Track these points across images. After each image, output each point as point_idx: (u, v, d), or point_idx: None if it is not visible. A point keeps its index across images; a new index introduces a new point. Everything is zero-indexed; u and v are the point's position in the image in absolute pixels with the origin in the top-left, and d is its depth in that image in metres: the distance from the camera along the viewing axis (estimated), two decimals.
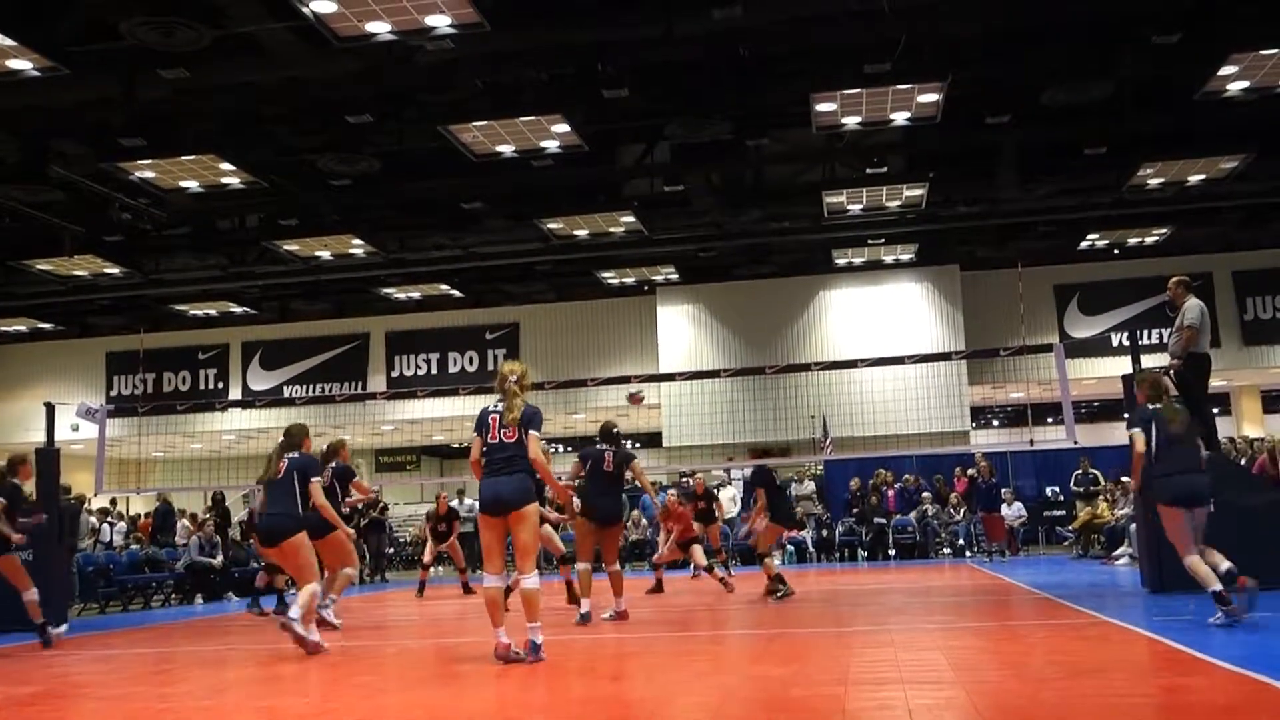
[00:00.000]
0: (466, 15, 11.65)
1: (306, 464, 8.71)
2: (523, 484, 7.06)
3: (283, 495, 8.51)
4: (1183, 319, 10.94)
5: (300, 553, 8.46)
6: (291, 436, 8.86)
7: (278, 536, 8.41)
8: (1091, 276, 23.86)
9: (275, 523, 8.44)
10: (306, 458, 8.80)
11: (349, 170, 17.14)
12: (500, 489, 7.04)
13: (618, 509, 10.20)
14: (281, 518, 8.42)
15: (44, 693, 6.94)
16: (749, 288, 24.54)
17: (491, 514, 7.10)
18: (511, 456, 7.09)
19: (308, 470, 8.66)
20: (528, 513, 7.07)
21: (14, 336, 27.39)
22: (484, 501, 7.13)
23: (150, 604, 16.20)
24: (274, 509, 8.52)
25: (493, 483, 7.07)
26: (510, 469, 7.07)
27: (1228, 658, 5.90)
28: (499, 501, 7.04)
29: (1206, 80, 14.43)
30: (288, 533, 8.39)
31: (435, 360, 25.67)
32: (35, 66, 12.42)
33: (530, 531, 7.13)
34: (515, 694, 5.95)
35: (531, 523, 7.13)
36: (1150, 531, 10.48)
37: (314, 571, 8.61)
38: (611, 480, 10.00)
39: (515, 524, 7.07)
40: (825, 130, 15.81)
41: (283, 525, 8.40)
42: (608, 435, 10.06)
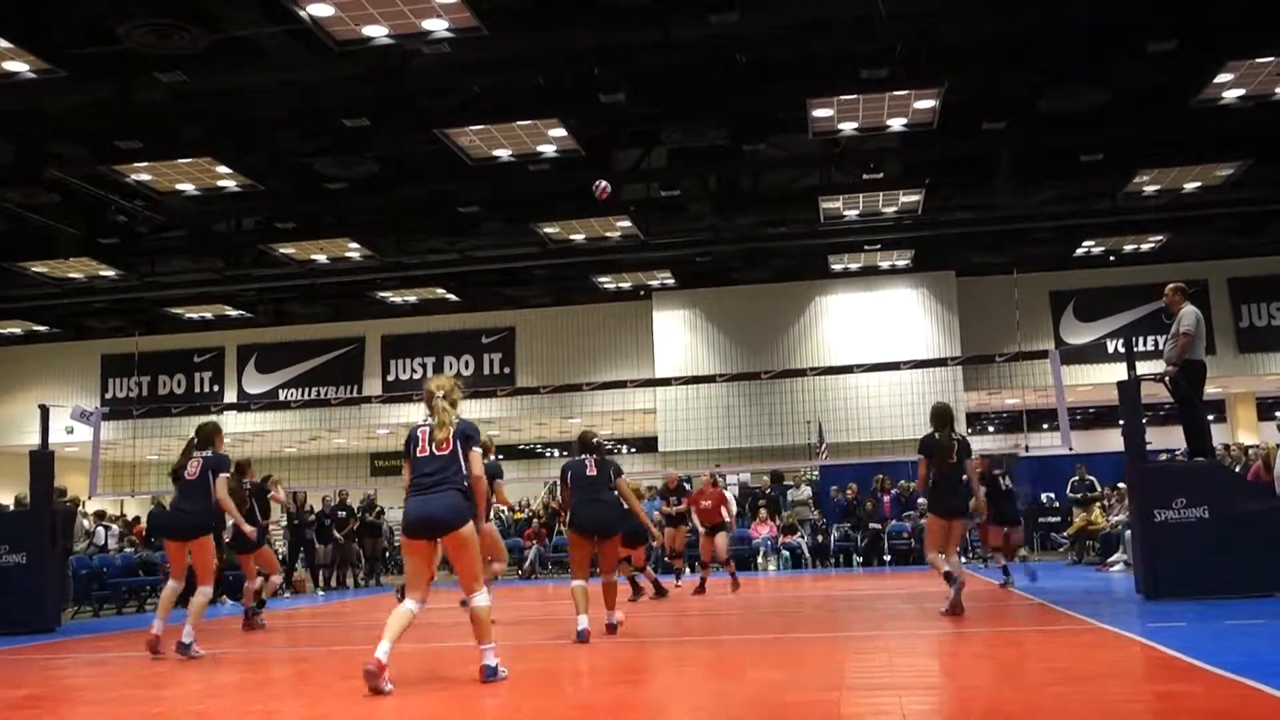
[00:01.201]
0: (464, 19, 11.66)
1: (219, 462, 8.87)
2: (454, 500, 6.38)
3: (196, 493, 8.68)
4: (1179, 326, 10.98)
5: (206, 552, 8.64)
6: (203, 434, 9.02)
7: (192, 532, 8.62)
8: (1087, 283, 23.87)
9: (191, 519, 8.62)
10: (219, 456, 8.97)
11: (346, 174, 17.13)
12: (431, 508, 6.34)
13: (611, 516, 9.10)
14: (197, 515, 8.63)
15: (38, 695, 6.92)
16: (745, 293, 24.53)
17: (418, 536, 6.40)
18: (443, 473, 6.43)
19: (219, 468, 8.81)
20: (465, 535, 6.37)
21: (9, 339, 27.34)
22: (411, 523, 6.40)
23: (144, 607, 16.16)
24: (188, 505, 8.67)
25: (421, 502, 6.38)
26: (441, 487, 6.39)
27: (1222, 664, 5.91)
28: (430, 522, 6.35)
29: (1203, 87, 14.46)
30: (202, 530, 8.62)
31: (431, 364, 25.63)
32: (32, 69, 12.42)
33: (471, 556, 6.43)
34: (507, 700, 5.94)
35: (471, 547, 6.42)
36: (1145, 538, 10.51)
37: (212, 575, 8.80)
38: (597, 486, 9.06)
39: (453, 549, 6.42)
40: (822, 136, 15.83)
41: (197, 522, 8.62)
42: (586, 446, 9.40)
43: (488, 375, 25.13)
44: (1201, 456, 11.03)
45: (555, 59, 13.41)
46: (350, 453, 32.08)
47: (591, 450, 9.35)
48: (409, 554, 6.53)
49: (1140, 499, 10.70)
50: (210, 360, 26.58)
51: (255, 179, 16.65)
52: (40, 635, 11.31)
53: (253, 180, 16.65)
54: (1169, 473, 11.27)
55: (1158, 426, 23.15)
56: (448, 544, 6.42)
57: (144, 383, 26.32)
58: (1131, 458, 10.95)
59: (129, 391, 26.32)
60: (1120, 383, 11.30)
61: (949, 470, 9.57)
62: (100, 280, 21.71)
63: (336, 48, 12.13)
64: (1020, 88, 15.14)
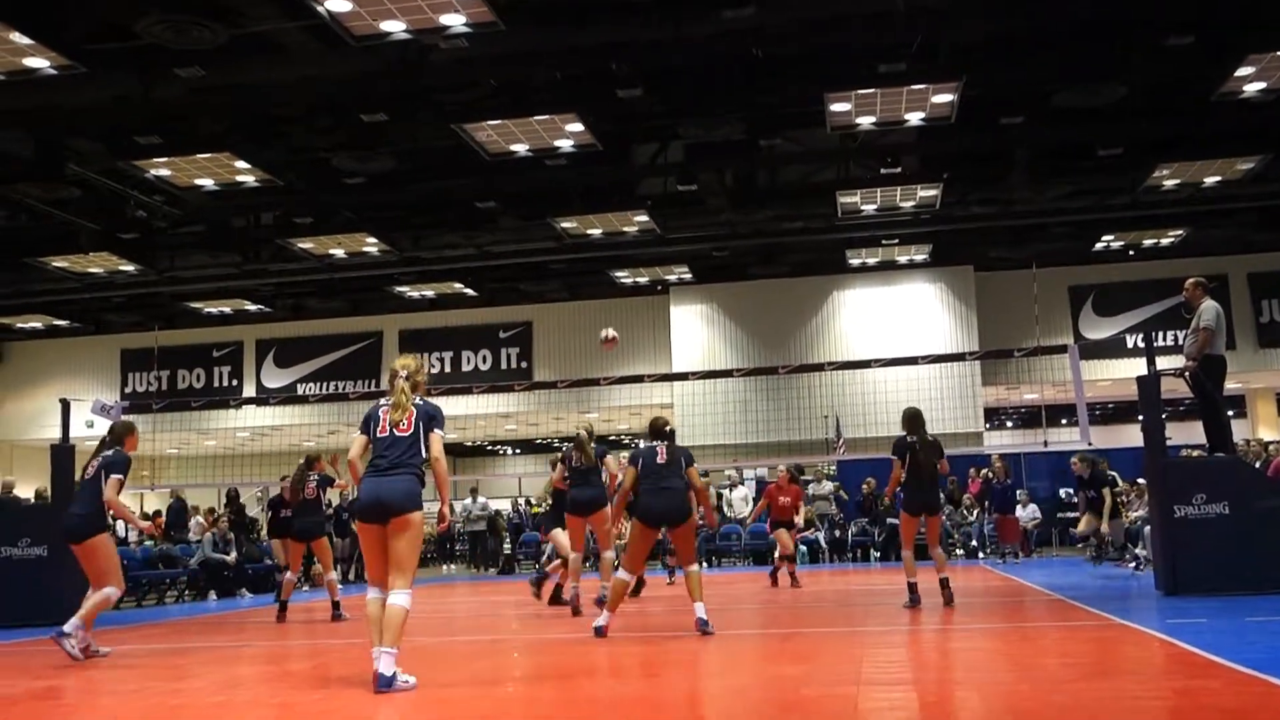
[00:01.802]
0: (481, 14, 11.67)
1: (114, 461, 8.38)
2: (409, 486, 6.25)
3: (86, 493, 8.33)
4: (1199, 321, 10.91)
5: (99, 554, 8.24)
6: (115, 433, 8.62)
7: (77, 536, 8.22)
8: (1106, 278, 23.75)
9: (74, 523, 8.25)
10: (120, 455, 8.46)
11: (363, 169, 17.18)
12: (381, 490, 6.23)
13: (679, 505, 8.67)
14: (86, 517, 8.25)
15: (58, 687, 6.97)
16: (762, 287, 24.49)
17: (369, 520, 6.29)
18: (400, 454, 6.31)
19: (112, 468, 8.33)
20: (412, 520, 6.22)
21: (30, 333, 27.52)
22: (362, 505, 6.32)
23: (164, 600, 16.27)
24: (77, 508, 8.35)
25: (374, 484, 6.27)
26: (397, 469, 6.27)
27: (1242, 660, 5.88)
28: (379, 505, 6.22)
29: (1223, 81, 14.37)
30: (87, 532, 8.21)
31: (448, 359, 25.70)
32: (52, 65, 12.49)
33: (410, 543, 6.23)
34: (524, 693, 5.96)
35: (413, 532, 6.24)
36: (1165, 534, 10.46)
37: (114, 576, 8.35)
38: (666, 474, 8.71)
39: (394, 532, 6.21)
40: (839, 130, 15.79)
41: (80, 526, 8.23)
42: (659, 433, 9.02)
43: (505, 370, 25.17)
44: (1222, 452, 10.97)
45: (572, 54, 13.41)
46: None
47: (663, 437, 8.97)
48: (363, 539, 6.41)
49: (1160, 495, 10.65)
50: (229, 354, 26.70)
51: (273, 174, 16.71)
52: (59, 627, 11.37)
53: (271, 175, 16.71)
54: (1189, 468, 11.23)
55: (1177, 422, 23.02)
56: (392, 528, 6.20)
57: (163, 377, 26.45)
58: (1151, 453, 10.90)
59: (149, 385, 26.45)
60: (1140, 378, 11.25)
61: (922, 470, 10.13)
62: (120, 275, 21.83)
63: (354, 43, 12.16)
64: (1038, 82, 15.07)
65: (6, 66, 12.51)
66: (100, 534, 8.24)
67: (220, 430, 27.48)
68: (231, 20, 12.05)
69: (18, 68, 12.54)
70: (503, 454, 41.88)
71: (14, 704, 6.39)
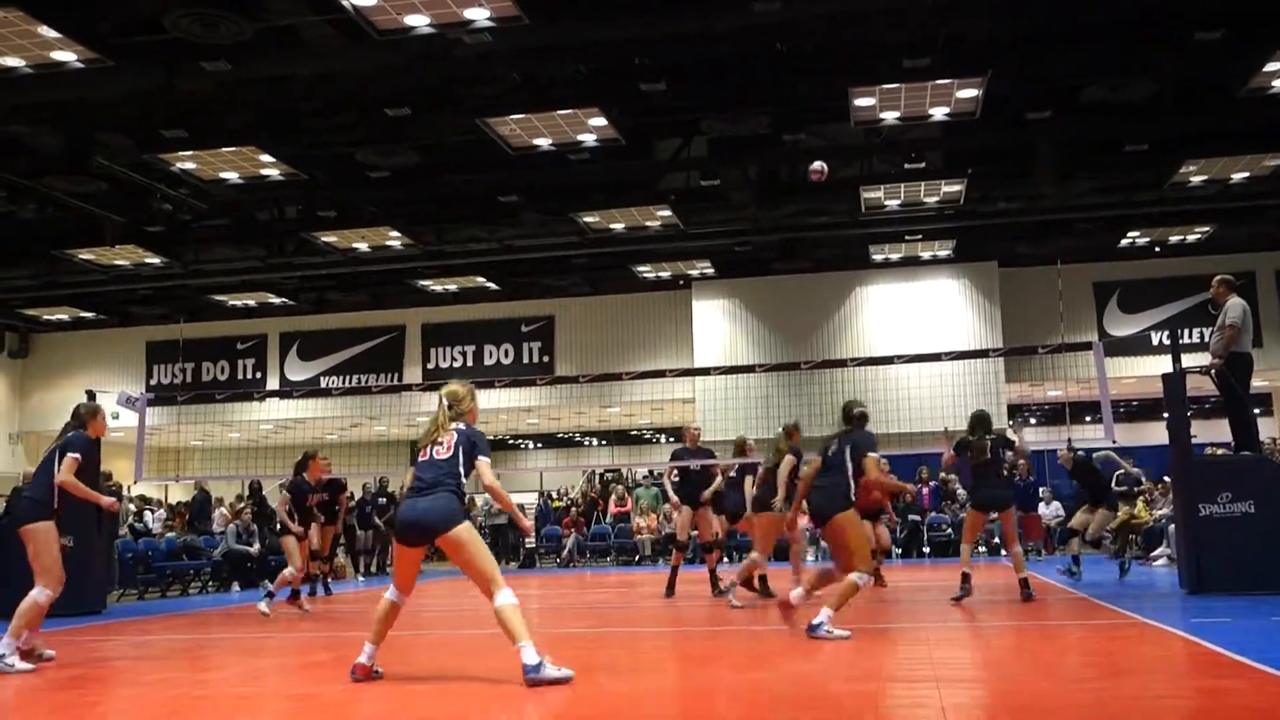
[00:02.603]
0: (505, 8, 11.68)
1: (70, 441, 7.65)
2: (445, 503, 6.11)
3: (39, 475, 7.63)
4: (1225, 318, 10.84)
5: (34, 542, 7.41)
6: (77, 415, 7.91)
7: (17, 521, 7.55)
8: (1132, 274, 23.58)
9: (20, 505, 7.66)
10: (78, 436, 7.72)
11: (387, 163, 17.22)
12: (418, 512, 6.12)
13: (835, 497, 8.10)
14: (26, 501, 7.62)
15: (84, 676, 7.04)
16: (785, 283, 24.44)
17: (407, 542, 6.24)
18: (438, 475, 6.20)
19: (68, 448, 7.58)
20: (458, 536, 6.08)
21: (56, 325, 27.73)
22: (400, 527, 6.25)
23: (188, 591, 16.39)
24: (27, 491, 7.73)
25: (411, 505, 6.19)
26: (434, 489, 6.16)
27: (1267, 660, 5.84)
28: (418, 527, 6.13)
29: (1251, 77, 14.25)
30: (27, 518, 7.46)
31: (471, 352, 25.76)
32: (79, 58, 12.57)
33: (472, 554, 6.11)
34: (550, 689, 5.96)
35: (468, 544, 6.11)
36: (1189, 533, 10.40)
37: (51, 572, 7.39)
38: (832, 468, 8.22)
39: (453, 553, 6.14)
40: (863, 125, 15.73)
41: (23, 509, 7.58)
42: (847, 416, 8.45)
43: (527, 364, 25.21)
44: (1247, 450, 10.90)
45: (596, 48, 13.40)
46: (391, 440, 32.31)
47: (851, 421, 8.36)
48: (398, 553, 6.38)
49: (1185, 493, 10.59)
50: (253, 347, 26.83)
51: (298, 168, 16.77)
52: (87, 617, 11.49)
53: (295, 169, 16.77)
54: (1214, 467, 11.14)
55: (1203, 420, 22.88)
56: (443, 548, 6.17)
57: (188, 369, 26.62)
58: (1176, 451, 10.84)
59: (173, 378, 26.63)
60: (1165, 375, 11.18)
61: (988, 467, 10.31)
62: (146, 267, 21.96)
63: (378, 37, 12.19)
64: (1065, 77, 14.98)
65: (35, 60, 12.60)
66: (40, 521, 7.42)
67: (244, 423, 27.63)
68: (257, 14, 12.10)
69: (46, 61, 12.62)
70: (524, 448, 41.95)
71: (39, 694, 6.45)
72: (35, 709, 6.02)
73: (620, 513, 22.45)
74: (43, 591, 7.29)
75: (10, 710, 5.90)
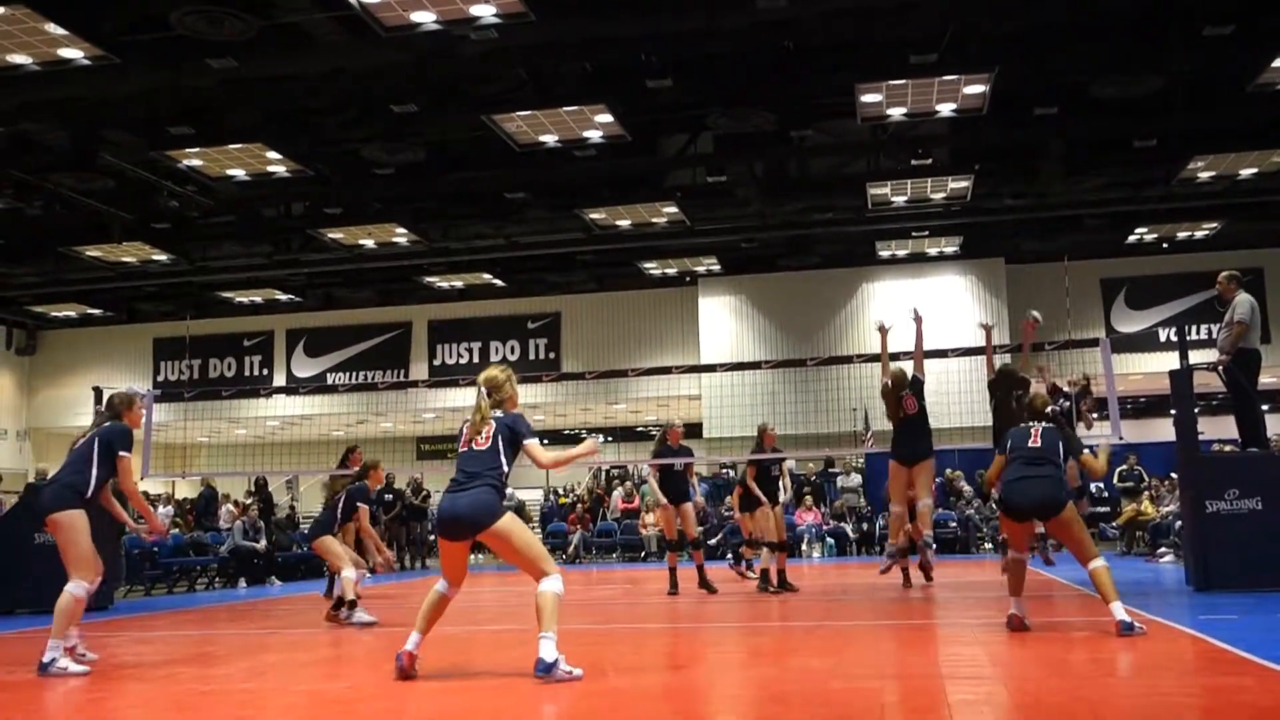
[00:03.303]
0: (510, 5, 11.69)
1: (114, 433, 7.15)
2: (484, 497, 6.01)
3: (75, 463, 7.09)
4: (1233, 314, 10.80)
5: (64, 531, 6.92)
6: (112, 405, 7.38)
7: (45, 509, 7.02)
8: (1139, 271, 23.53)
9: (51, 493, 7.07)
10: (118, 425, 7.22)
11: (393, 159, 17.24)
12: (457, 508, 6.02)
13: (1052, 495, 7.57)
14: (58, 488, 7.05)
15: (90, 672, 7.03)
16: (791, 279, 24.43)
17: (447, 537, 6.15)
18: (478, 468, 6.11)
19: (113, 441, 7.11)
20: (503, 529, 6.00)
21: (64, 322, 27.81)
22: (441, 522, 6.15)
23: (194, 587, 16.41)
24: (59, 477, 7.19)
25: (450, 500, 6.08)
26: (472, 482, 6.06)
27: (1275, 658, 5.82)
28: (455, 522, 6.04)
29: (1260, 72, 14.20)
30: (58, 505, 6.95)
31: (477, 349, 25.79)
32: (86, 56, 12.60)
33: (518, 543, 6.06)
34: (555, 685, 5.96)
35: (513, 535, 6.04)
36: (1196, 529, 10.37)
37: (86, 563, 6.97)
38: (1039, 461, 7.69)
39: (495, 547, 6.11)
40: (870, 121, 15.71)
41: (55, 496, 7.01)
42: (1036, 413, 8.10)
43: (533, 360, 25.23)
44: (1255, 447, 10.86)
45: (602, 45, 13.40)
46: (397, 436, 32.34)
47: (1041, 417, 7.99)
48: (442, 550, 6.29)
49: (1192, 490, 10.56)
50: (260, 344, 26.89)
51: (304, 164, 16.80)
52: (94, 613, 11.48)
53: (301, 166, 16.80)
54: (1221, 463, 11.12)
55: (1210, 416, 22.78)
56: (487, 542, 6.11)
57: (195, 366, 26.68)
58: (1183, 448, 10.80)
59: (180, 374, 26.68)
60: (1172, 372, 11.15)
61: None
62: (153, 264, 22.02)
63: (384, 34, 12.21)
64: (1073, 73, 14.94)
65: (42, 57, 12.63)
66: (70, 508, 6.95)
67: (251, 419, 27.69)
68: (263, 11, 12.12)
69: (53, 58, 12.66)
70: None
71: (45, 688, 6.46)
72: (42, 704, 6.03)
73: (628, 509, 22.44)
74: (78, 585, 6.92)
75: (17, 706, 5.91)
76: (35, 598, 11.75)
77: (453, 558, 6.22)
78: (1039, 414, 8.07)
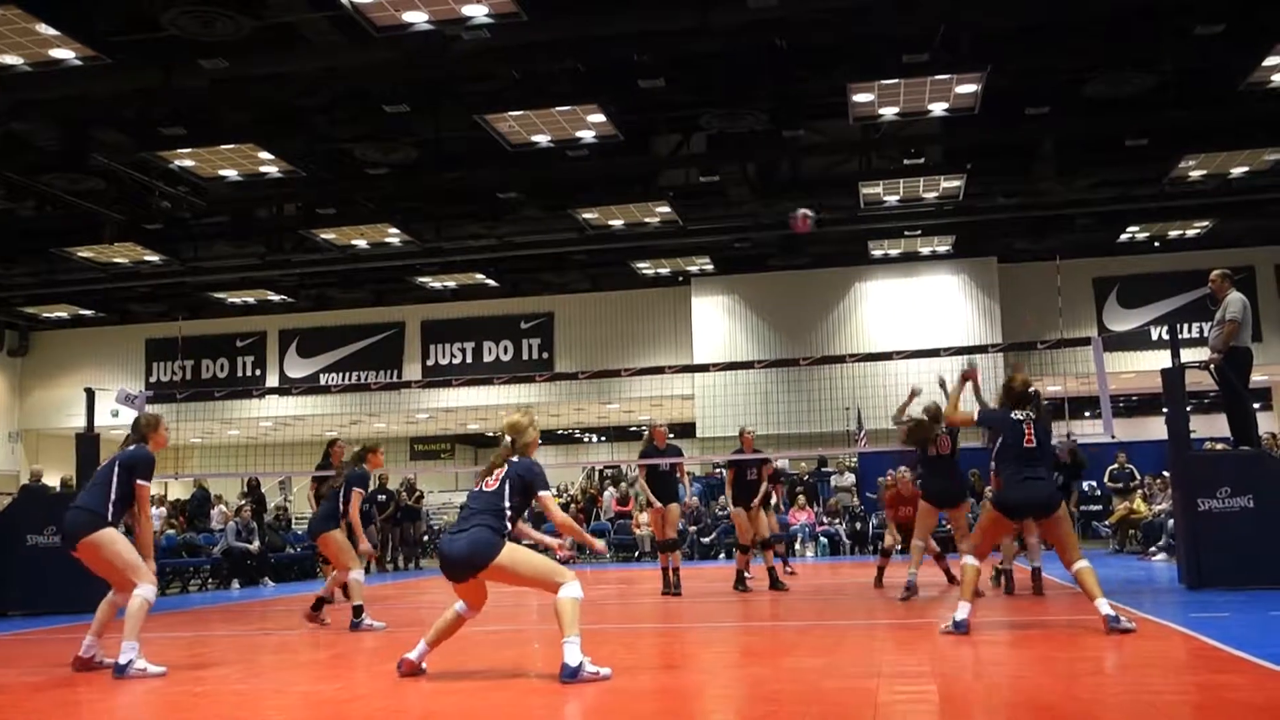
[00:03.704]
0: (503, 4, 11.67)
1: (137, 459, 7.24)
2: (483, 536, 6.03)
3: (94, 486, 7.22)
4: (1224, 312, 10.83)
5: (104, 549, 6.99)
6: (138, 428, 7.44)
7: (73, 535, 7.06)
8: (1131, 269, 23.58)
9: (72, 517, 7.08)
10: (140, 451, 7.30)
11: (386, 160, 17.21)
12: (456, 549, 6.07)
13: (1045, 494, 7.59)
14: (80, 512, 7.08)
15: (83, 676, 7.02)
16: (784, 279, 24.44)
17: (450, 578, 6.22)
18: (478, 508, 6.19)
19: (135, 468, 7.19)
20: (504, 563, 6.03)
21: (56, 323, 27.74)
22: (442, 565, 6.27)
23: (187, 588, 16.38)
24: (79, 500, 7.23)
25: (450, 541, 6.16)
26: (468, 522, 6.13)
27: (1267, 655, 5.83)
28: (456, 565, 6.10)
29: (1251, 71, 14.24)
30: (85, 529, 7.00)
31: (470, 349, 25.78)
32: (77, 56, 12.56)
33: (524, 571, 6.09)
34: (547, 685, 5.97)
35: (512, 567, 6.06)
36: (1189, 528, 10.40)
37: (138, 568, 7.05)
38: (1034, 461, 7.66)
39: (505, 580, 6.16)
40: (862, 121, 15.72)
41: (79, 521, 7.05)
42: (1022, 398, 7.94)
43: (526, 360, 25.22)
44: (1246, 445, 10.89)
45: (594, 44, 13.39)
46: (390, 437, 32.32)
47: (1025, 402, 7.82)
48: (454, 588, 6.31)
49: (1184, 488, 10.58)
50: (252, 344, 26.84)
51: (296, 165, 16.77)
52: (86, 615, 11.43)
53: (294, 166, 16.77)
54: (1213, 461, 11.14)
55: (1202, 415, 22.88)
56: (493, 578, 6.15)
57: (187, 366, 26.64)
58: (1175, 446, 10.83)
59: (173, 375, 26.64)
60: (1164, 370, 11.17)
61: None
62: (145, 265, 21.96)
63: (376, 34, 12.18)
64: (1064, 72, 14.97)
65: (33, 58, 12.60)
66: (102, 530, 7.02)
67: (244, 420, 27.65)
68: (255, 11, 12.08)
69: (44, 59, 12.62)
70: None
71: (39, 691, 6.45)
72: (36, 707, 6.02)
73: (621, 510, 22.43)
74: (146, 588, 7.03)
75: (11, 709, 5.90)
76: (27, 600, 11.77)
77: (464, 593, 6.29)
78: (1021, 396, 7.89)
